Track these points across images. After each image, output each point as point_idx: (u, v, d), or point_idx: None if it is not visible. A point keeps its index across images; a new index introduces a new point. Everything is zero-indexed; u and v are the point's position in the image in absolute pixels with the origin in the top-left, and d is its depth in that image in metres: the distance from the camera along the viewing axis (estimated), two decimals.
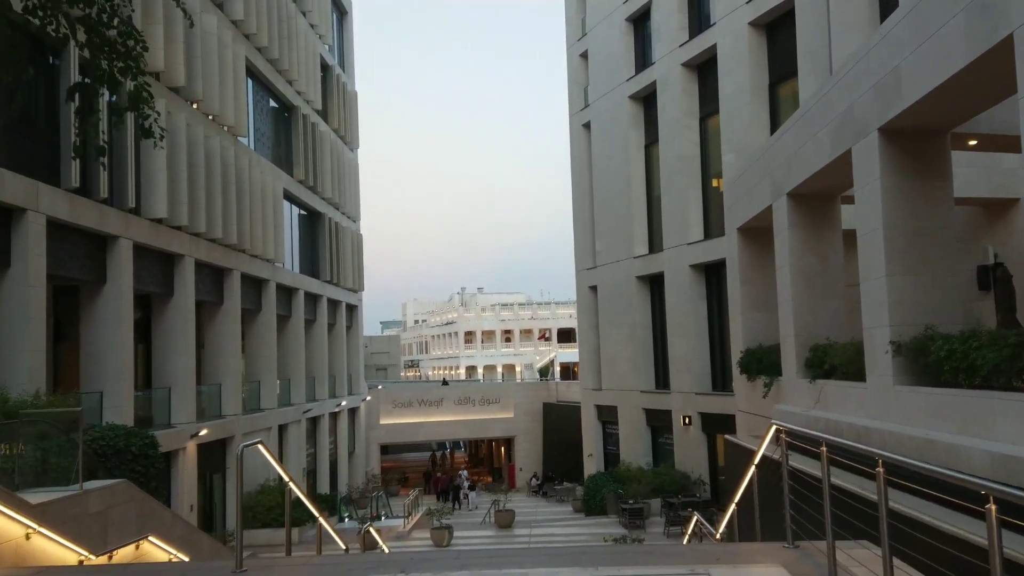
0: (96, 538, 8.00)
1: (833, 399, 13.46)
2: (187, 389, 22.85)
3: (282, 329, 32.17)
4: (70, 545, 7.41)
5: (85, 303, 19.58)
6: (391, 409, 47.20)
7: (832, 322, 15.39)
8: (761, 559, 5.35)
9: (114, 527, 8.35)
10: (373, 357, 70.78)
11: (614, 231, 34.42)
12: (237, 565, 5.40)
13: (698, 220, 29.46)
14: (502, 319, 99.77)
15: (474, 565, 5.30)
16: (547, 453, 47.34)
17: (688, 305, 29.68)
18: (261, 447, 6.04)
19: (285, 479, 6.55)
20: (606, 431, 36.26)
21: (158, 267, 22.14)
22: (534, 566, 5.23)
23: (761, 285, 19.06)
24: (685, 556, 5.58)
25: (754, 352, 18.33)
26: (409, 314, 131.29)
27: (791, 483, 5.62)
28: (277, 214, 30.58)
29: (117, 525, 8.43)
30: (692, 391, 29.36)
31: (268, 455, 6.23)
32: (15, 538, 6.67)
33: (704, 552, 5.69)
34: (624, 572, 5.02)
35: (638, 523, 26.03)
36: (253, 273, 28.21)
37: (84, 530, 7.82)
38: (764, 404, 17.38)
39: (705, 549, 5.76)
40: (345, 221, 41.03)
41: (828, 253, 15.66)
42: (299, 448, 32.46)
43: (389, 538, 25.95)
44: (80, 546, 7.62)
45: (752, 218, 18.23)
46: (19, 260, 16.07)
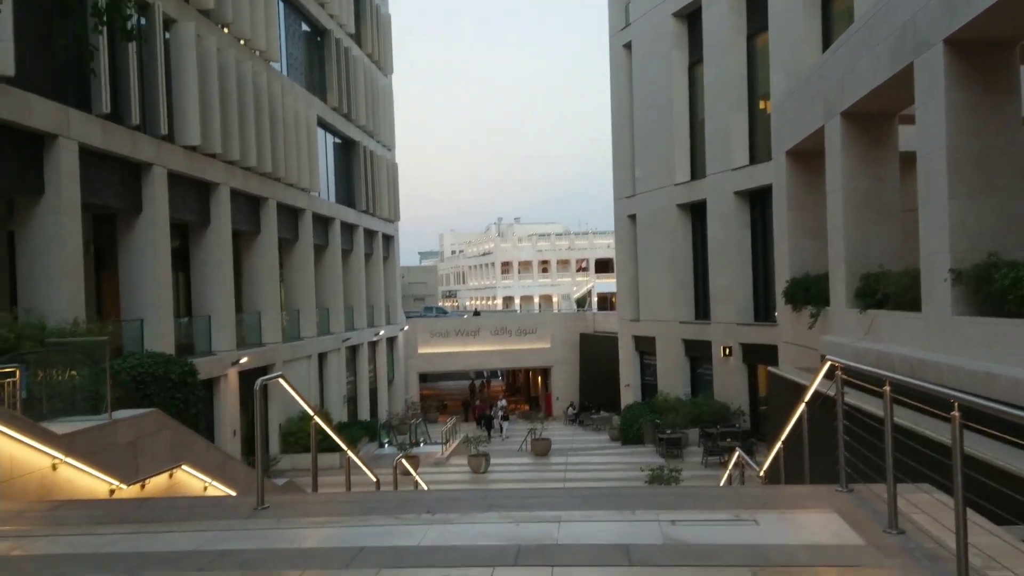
0: (127, 468, 7.91)
1: (884, 330, 12.92)
2: (226, 317, 22.93)
3: (319, 259, 32.11)
4: (99, 475, 7.31)
5: (122, 232, 19.53)
6: (429, 339, 47.39)
7: (886, 249, 14.72)
8: (812, 504, 4.97)
9: (145, 456, 8.25)
10: (410, 287, 71.06)
11: (655, 157, 33.49)
12: (258, 502, 5.17)
13: (743, 145, 28.44)
14: (539, 249, 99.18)
15: (503, 507, 5.00)
16: (583, 383, 47.35)
17: (731, 234, 28.92)
18: (282, 380, 5.76)
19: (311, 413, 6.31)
20: (643, 362, 35.99)
21: (194, 196, 21.98)
22: (567, 509, 4.91)
23: (810, 211, 18.34)
24: (729, 500, 5.22)
25: (800, 281, 17.74)
26: (446, 245, 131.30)
27: (846, 423, 5.20)
28: (311, 142, 30.19)
29: (149, 454, 8.33)
30: (733, 321, 28.82)
31: (290, 389, 5.96)
32: (40, 469, 6.56)
33: (750, 496, 5.32)
34: (663, 517, 4.68)
35: (675, 453, 25.92)
36: (289, 202, 28.01)
37: (114, 460, 7.72)
38: (810, 335, 16.87)
39: (751, 492, 5.39)
40: (380, 149, 40.54)
41: (883, 176, 14.89)
42: (339, 376, 32.74)
43: (427, 464, 26.23)
44: (111, 476, 7.53)
45: (802, 141, 17.42)
46: (52, 187, 15.95)
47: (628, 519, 4.73)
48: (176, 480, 8.80)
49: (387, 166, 41.47)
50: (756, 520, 4.64)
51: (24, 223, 15.99)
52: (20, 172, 15.50)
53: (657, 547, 4.20)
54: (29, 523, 5.05)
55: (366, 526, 4.72)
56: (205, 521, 4.91)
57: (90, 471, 7.18)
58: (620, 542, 4.27)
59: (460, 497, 5.41)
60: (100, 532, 4.76)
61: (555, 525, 4.58)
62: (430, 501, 5.24)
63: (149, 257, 19.38)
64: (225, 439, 22.14)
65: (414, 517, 4.81)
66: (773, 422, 15.61)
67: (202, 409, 17.08)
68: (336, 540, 4.53)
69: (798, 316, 17.83)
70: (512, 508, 4.95)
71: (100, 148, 17.38)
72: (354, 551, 4.21)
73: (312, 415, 6.23)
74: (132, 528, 4.81)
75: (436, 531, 4.55)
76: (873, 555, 4.04)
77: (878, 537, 4.31)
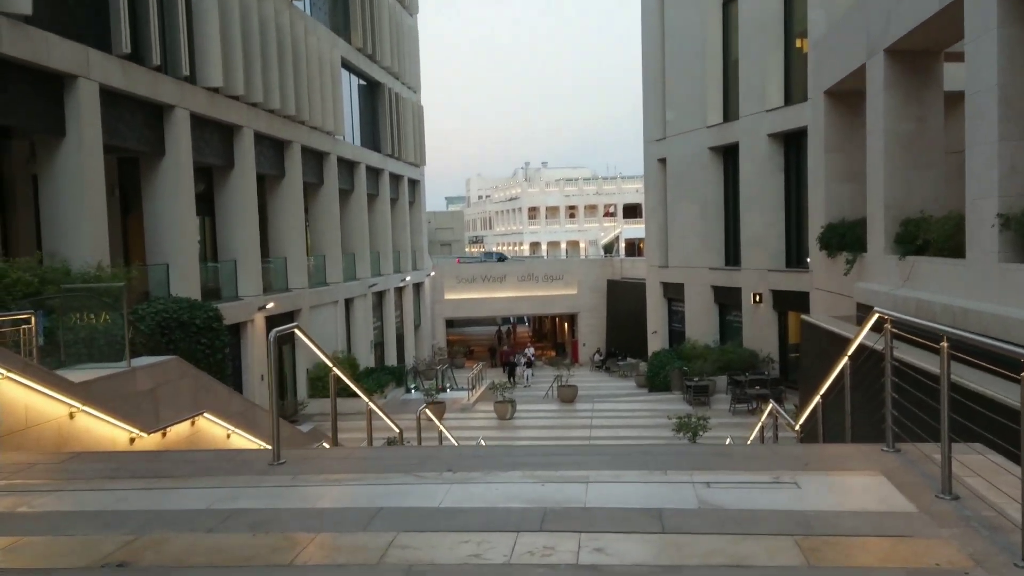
0: (147, 416, 7.79)
1: (925, 277, 12.45)
2: (252, 262, 22.84)
3: (345, 203, 31.86)
4: (118, 423, 7.19)
5: (145, 175, 19.36)
6: (455, 284, 47.27)
7: (927, 193, 14.17)
8: (856, 465, 4.67)
9: (166, 404, 8.13)
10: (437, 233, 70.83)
11: (686, 99, 32.60)
12: (274, 457, 4.98)
13: (778, 85, 27.52)
14: (566, 194, 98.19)
15: (528, 465, 4.75)
16: (610, 330, 47.12)
17: (764, 177, 28.20)
18: (297, 331, 5.54)
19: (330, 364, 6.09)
20: (671, 308, 35.61)
21: (217, 139, 21.72)
22: (595, 468, 4.65)
23: (848, 154, 17.73)
24: (767, 460, 4.92)
25: (836, 227, 17.22)
26: (473, 190, 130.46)
27: (894, 379, 4.86)
28: (335, 84, 29.70)
29: (169, 402, 8.21)
30: (765, 268, 28.28)
31: (307, 339, 5.74)
32: (56, 418, 6.42)
33: (790, 456, 5.02)
34: (697, 479, 4.40)
35: (703, 400, 25.72)
36: (313, 146, 27.67)
37: (134, 408, 7.60)
38: (845, 282, 16.42)
39: (791, 452, 5.09)
40: (405, 92, 39.89)
41: (927, 116, 14.26)
42: (366, 322, 32.74)
43: (453, 410, 26.27)
44: (130, 424, 7.41)
45: (841, 80, 16.73)
46: (73, 129, 15.74)
47: (660, 480, 4.46)
48: (198, 428, 8.70)
49: (413, 109, 40.86)
50: (797, 483, 4.35)
51: (46, 166, 15.85)
52: (41, 113, 15.30)
53: (691, 512, 3.94)
54: (39, 476, 4.91)
55: (385, 484, 4.51)
56: (218, 477, 4.73)
57: (108, 419, 7.06)
58: (652, 506, 4.01)
59: (483, 454, 5.19)
60: (110, 487, 4.60)
61: (583, 486, 4.33)
62: (452, 458, 5.02)
63: (173, 201, 19.23)
64: (253, 384, 22.25)
65: (435, 475, 4.59)
66: (806, 372, 15.29)
67: (228, 354, 17.07)
68: (353, 500, 4.32)
69: (833, 263, 17.35)
70: (537, 467, 4.70)
71: (121, 89, 17.11)
72: (371, 512, 3.99)
73: (331, 366, 6.02)
74: (143, 483, 4.65)
75: (457, 491, 4.32)
76: (926, 524, 3.75)
77: (930, 503, 4.01)
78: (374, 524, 3.82)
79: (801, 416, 7.10)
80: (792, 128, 26.90)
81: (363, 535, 3.69)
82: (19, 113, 14.95)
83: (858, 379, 5.76)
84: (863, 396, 5.89)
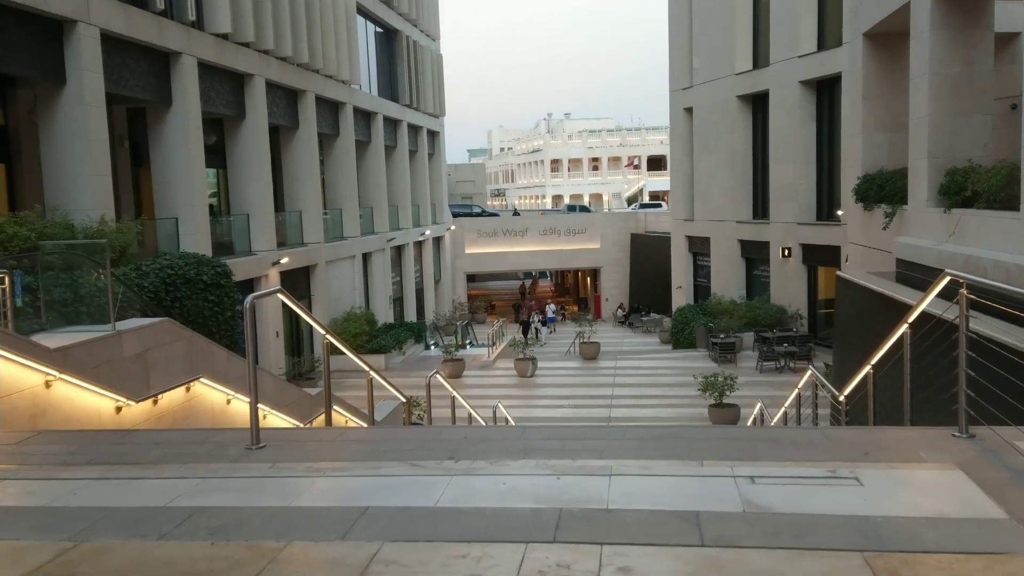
0: (136, 382, 7.26)
1: (973, 232, 11.60)
2: (266, 216, 22.26)
3: (362, 155, 31.11)
4: (102, 391, 6.66)
5: (153, 125, 18.74)
6: (476, 238, 46.55)
7: (975, 141, 13.24)
8: (926, 455, 3.98)
9: (157, 369, 7.59)
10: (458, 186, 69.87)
11: (714, 45, 31.33)
12: (252, 439, 4.38)
13: (812, 29, 26.26)
14: (589, 146, 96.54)
15: (542, 452, 4.11)
16: (633, 284, 46.32)
17: (795, 127, 27.10)
18: (281, 296, 4.93)
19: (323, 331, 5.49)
20: (697, 263, 34.76)
21: (227, 88, 21.00)
22: (619, 456, 4.01)
23: (888, 100, 16.73)
24: (819, 448, 4.24)
25: (874, 178, 16.30)
26: (495, 142, 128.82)
27: (969, 353, 4.16)
28: (351, 31, 28.75)
29: (161, 367, 7.67)
30: (794, 221, 27.34)
31: (290, 303, 5.15)
32: (31, 387, 5.89)
33: (844, 442, 4.32)
34: (739, 471, 3.74)
35: (728, 358, 25.05)
36: (328, 95, 26.87)
37: (120, 374, 7.06)
38: (882, 236, 15.56)
39: (846, 437, 4.41)
40: (424, 40, 38.77)
41: (976, 59, 13.25)
42: (384, 277, 32.21)
43: (473, 367, 25.80)
44: (116, 392, 6.88)
45: (882, 20, 15.67)
46: (74, 77, 15.10)
47: (695, 473, 3.81)
48: (194, 394, 8.18)
49: (431, 58, 39.76)
50: (858, 477, 3.69)
51: (47, 115, 15.26)
52: (40, 60, 14.67)
53: (735, 517, 3.30)
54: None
55: (376, 475, 3.90)
56: (187, 464, 4.15)
57: (90, 387, 6.52)
58: (687, 508, 3.36)
59: (491, 437, 4.55)
60: (63, 476, 4.03)
61: (605, 480, 3.69)
62: (456, 442, 4.40)
63: (182, 153, 18.62)
64: (268, 341, 21.85)
65: (434, 465, 3.97)
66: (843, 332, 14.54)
67: (239, 312, 16.60)
68: (336, 496, 3.72)
69: (870, 216, 16.46)
70: (552, 454, 4.07)
71: (124, 35, 16.43)
72: (356, 513, 3.38)
73: (324, 333, 5.42)
74: (101, 472, 4.08)
75: (458, 485, 3.70)
76: (1022, 536, 3.09)
77: (1022, 506, 3.34)
78: (357, 529, 3.22)
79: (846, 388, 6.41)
80: (826, 75, 25.79)
81: (342, 545, 3.09)
82: (18, 60, 14.33)
83: (919, 349, 5.06)
84: (924, 369, 5.19)
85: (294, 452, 4.32)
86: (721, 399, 17.99)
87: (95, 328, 7.07)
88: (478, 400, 21.38)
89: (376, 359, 25.70)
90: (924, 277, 12.20)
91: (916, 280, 12.47)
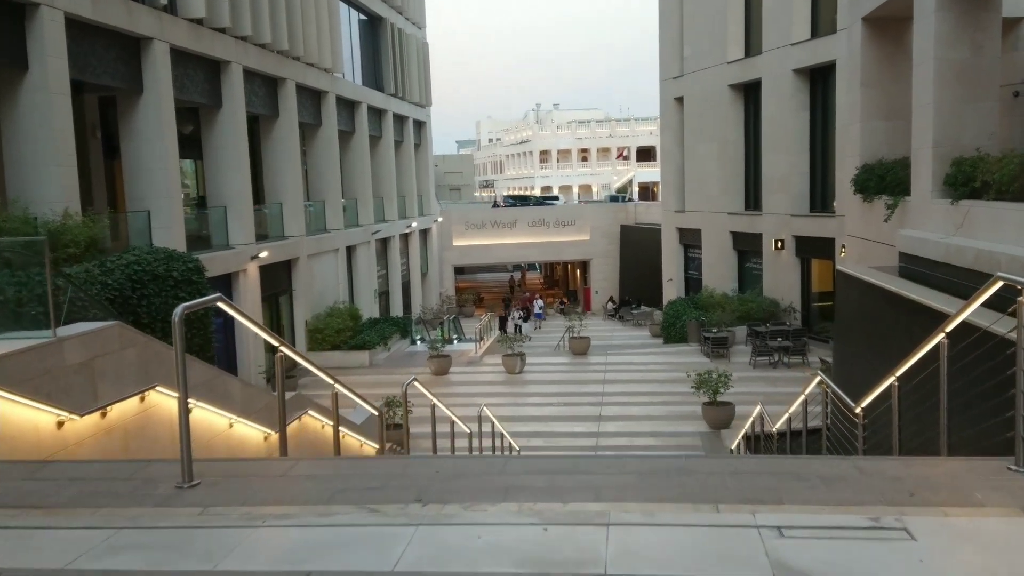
0: (81, 394, 6.57)
1: (984, 224, 11.00)
2: (244, 208, 21.47)
3: (345, 146, 30.31)
4: (38, 405, 5.97)
5: (124, 114, 17.94)
6: (464, 230, 45.84)
7: (981, 130, 12.65)
8: (981, 496, 3.34)
9: (106, 379, 6.91)
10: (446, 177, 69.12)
11: (705, 33, 30.66)
12: (184, 477, 3.71)
13: (804, 16, 25.63)
14: (579, 137, 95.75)
15: (525, 491, 3.44)
16: (624, 277, 45.75)
17: (788, 116, 26.50)
18: (221, 304, 4.27)
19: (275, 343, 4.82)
20: (688, 255, 34.16)
21: (202, 75, 20.19)
22: (617, 495, 3.36)
23: (888, 87, 16.14)
24: (855, 484, 3.58)
25: (874, 168, 15.71)
26: (483, 133, 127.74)
27: None
28: (333, 17, 27.93)
29: (111, 376, 6.98)
30: (787, 212, 26.76)
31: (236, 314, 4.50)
32: None
33: (883, 476, 3.67)
34: (763, 520, 3.10)
35: (721, 353, 24.47)
36: (309, 84, 26.06)
37: (62, 385, 6.38)
38: (883, 229, 14.97)
39: (883, 470, 3.73)
40: (409, 27, 37.93)
41: (984, 42, 12.65)
42: (369, 270, 31.47)
43: (460, 363, 25.13)
44: (57, 406, 6.20)
45: (885, 3, 15.06)
46: (37, 63, 14.32)
47: (710, 522, 3.16)
48: (150, 403, 7.49)
49: (417, 46, 38.93)
50: (907, 528, 3.05)
51: (8, 103, 14.47)
52: (0, 44, 13.86)
53: None
54: None
55: (326, 525, 3.23)
56: (102, 509, 3.47)
57: (23, 401, 5.83)
58: (704, 574, 2.72)
59: (467, 471, 3.88)
60: None
61: (602, 532, 3.04)
62: (426, 478, 3.73)
63: (155, 143, 17.83)
64: (246, 338, 21.09)
65: (397, 511, 3.30)
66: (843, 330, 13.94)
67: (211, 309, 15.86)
68: (274, 555, 3.04)
69: (869, 207, 15.87)
70: (538, 494, 3.41)
71: (91, 19, 15.65)
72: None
73: (276, 344, 4.76)
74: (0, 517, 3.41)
75: (424, 540, 3.04)
76: None
77: None
78: None
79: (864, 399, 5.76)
80: (820, 63, 25.18)
81: None
82: None
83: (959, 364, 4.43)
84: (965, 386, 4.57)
85: (232, 492, 3.65)
86: (715, 397, 17.41)
87: (33, 335, 6.38)
88: (464, 399, 20.73)
89: (360, 355, 25.02)
90: (930, 272, 11.62)
91: (921, 275, 11.88)
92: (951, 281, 10.62)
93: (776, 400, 17.57)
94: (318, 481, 3.85)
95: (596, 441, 16.87)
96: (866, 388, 10.06)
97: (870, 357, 11.92)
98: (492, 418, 11.56)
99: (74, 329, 6.86)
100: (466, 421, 11.59)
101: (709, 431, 17.21)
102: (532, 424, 18.32)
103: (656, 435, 17.18)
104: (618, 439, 17.01)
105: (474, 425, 11.01)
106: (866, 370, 11.93)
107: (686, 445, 16.40)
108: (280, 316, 24.74)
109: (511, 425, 16.73)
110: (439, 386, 22.33)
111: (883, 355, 11.04)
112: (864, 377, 12.19)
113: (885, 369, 7.25)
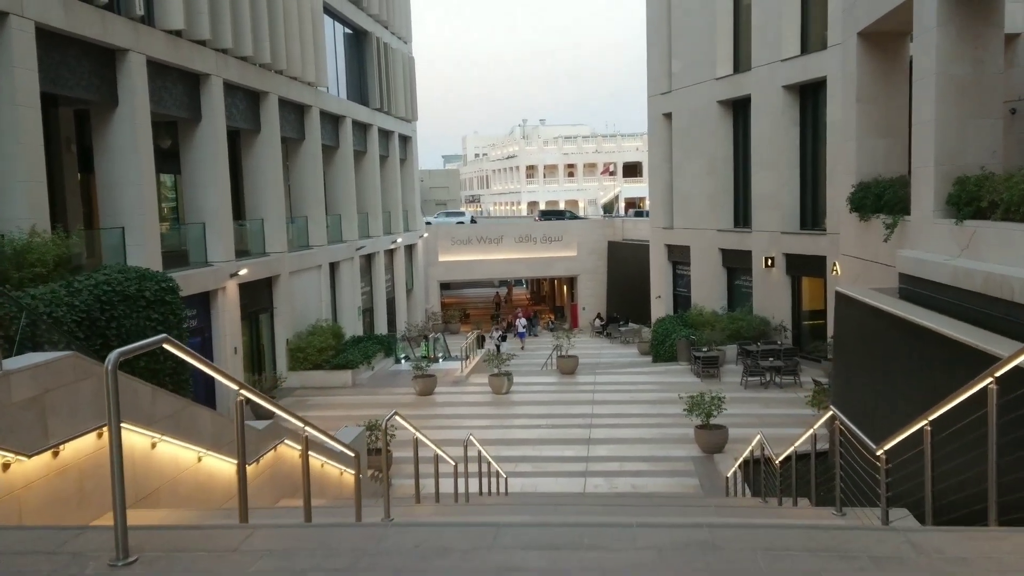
0: (30, 432, 5.99)
1: (992, 246, 10.57)
2: (223, 224, 20.84)
3: (329, 161, 29.77)
4: None
5: (98, 128, 17.35)
6: (450, 246, 45.32)
7: (984, 147, 12.26)
8: None
9: (59, 415, 6.32)
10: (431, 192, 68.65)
11: (694, 49, 30.39)
12: (118, 552, 3.16)
13: (795, 31, 25.38)
14: (565, 152, 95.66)
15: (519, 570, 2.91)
16: (612, 293, 45.32)
17: (777, 133, 26.20)
18: (167, 345, 3.75)
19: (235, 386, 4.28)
20: (676, 272, 33.76)
21: (181, 88, 19.63)
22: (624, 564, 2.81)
23: (884, 104, 15.81)
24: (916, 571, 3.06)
25: (871, 186, 15.31)
26: (469, 148, 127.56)
27: None
28: (317, 31, 27.45)
29: (65, 412, 6.40)
30: (777, 230, 26.41)
31: (181, 353, 3.96)
32: None
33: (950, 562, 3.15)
34: None
35: (711, 372, 24.00)
36: (293, 98, 25.53)
37: (8, 423, 5.79)
38: (881, 248, 14.56)
39: (944, 552, 3.14)
40: (395, 42, 37.51)
41: (986, 58, 12.28)
42: (353, 287, 30.87)
43: (445, 383, 24.55)
44: (1, 447, 5.60)
45: (881, 18, 14.70)
46: (5, 74, 13.72)
47: None
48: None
49: (403, 60, 38.51)
50: None
51: None
52: None
53: None
54: None
55: None
56: None
57: None
58: None
59: (451, 547, 3.32)
60: None
61: None
62: (401, 556, 3.18)
63: (130, 157, 17.23)
64: (225, 357, 20.45)
65: None
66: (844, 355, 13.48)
67: (187, 329, 15.23)
68: None
69: (866, 226, 15.48)
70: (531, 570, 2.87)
71: (63, 30, 15.08)
72: None
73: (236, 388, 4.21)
74: None
75: None
76: None
77: None
78: None
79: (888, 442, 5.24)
80: (810, 79, 24.92)
81: None
82: None
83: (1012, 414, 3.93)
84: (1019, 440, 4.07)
85: (174, 574, 3.10)
86: (708, 420, 16.92)
87: None
88: (450, 420, 20.18)
89: (343, 375, 24.38)
90: (934, 295, 11.18)
91: (924, 297, 11.44)
92: (959, 305, 10.17)
93: (770, 423, 17.13)
94: (275, 559, 3.27)
95: (586, 466, 16.32)
96: (868, 415, 9.54)
97: (873, 383, 11.45)
98: (479, 446, 10.99)
99: (23, 361, 6.27)
100: (452, 446, 11.03)
101: (702, 455, 16.70)
102: (520, 448, 17.74)
103: (648, 459, 16.66)
104: (609, 464, 16.48)
105: (460, 452, 10.47)
106: (869, 395, 11.47)
107: (679, 471, 15.88)
108: (260, 335, 24.09)
109: (498, 449, 16.16)
110: (424, 407, 21.73)
111: (888, 381, 10.58)
112: (866, 404, 11.71)
113: (889, 395, 6.70)
